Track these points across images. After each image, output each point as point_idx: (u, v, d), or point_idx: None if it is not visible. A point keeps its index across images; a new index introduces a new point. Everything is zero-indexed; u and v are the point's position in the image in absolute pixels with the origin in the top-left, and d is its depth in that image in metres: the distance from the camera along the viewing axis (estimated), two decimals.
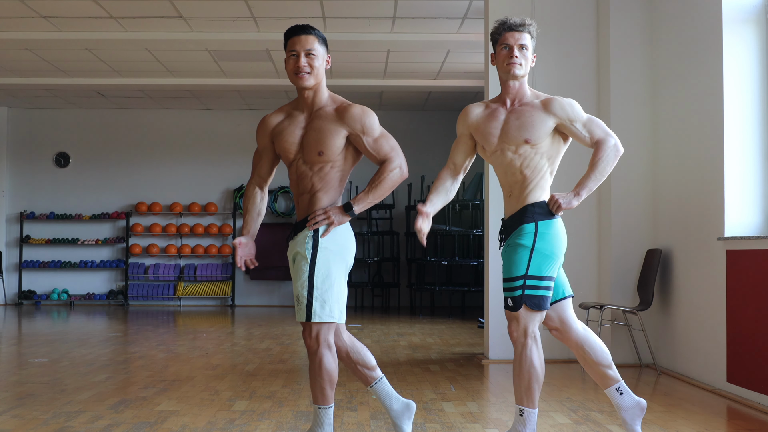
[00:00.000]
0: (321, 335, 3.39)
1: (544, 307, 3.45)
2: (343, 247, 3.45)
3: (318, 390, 3.42)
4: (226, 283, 13.31)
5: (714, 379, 5.44)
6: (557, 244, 3.46)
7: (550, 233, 3.45)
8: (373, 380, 3.62)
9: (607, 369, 3.60)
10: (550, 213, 3.46)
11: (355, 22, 8.36)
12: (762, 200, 5.36)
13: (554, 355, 6.59)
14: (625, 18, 6.53)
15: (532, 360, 3.42)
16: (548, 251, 3.44)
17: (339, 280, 3.41)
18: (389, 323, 10.29)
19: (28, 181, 13.49)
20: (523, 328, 3.45)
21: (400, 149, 3.51)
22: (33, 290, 13.31)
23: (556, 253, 3.45)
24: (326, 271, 3.39)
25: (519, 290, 3.43)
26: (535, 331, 3.45)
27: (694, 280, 5.82)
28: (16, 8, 7.93)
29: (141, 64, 10.17)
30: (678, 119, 6.11)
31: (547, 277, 3.44)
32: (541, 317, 3.47)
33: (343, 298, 3.43)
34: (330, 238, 3.41)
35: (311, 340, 3.39)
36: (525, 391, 3.43)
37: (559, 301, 3.57)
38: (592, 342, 3.59)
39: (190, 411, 4.61)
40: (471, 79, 10.84)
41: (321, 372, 3.39)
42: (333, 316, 3.39)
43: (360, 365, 3.59)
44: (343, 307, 3.44)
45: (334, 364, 3.42)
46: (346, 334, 3.60)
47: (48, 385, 5.45)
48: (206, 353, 7.22)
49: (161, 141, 13.51)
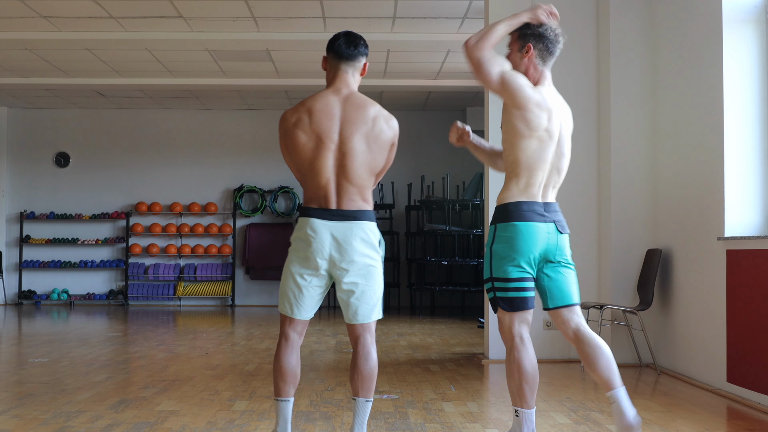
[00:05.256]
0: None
1: (521, 308, 3.45)
2: (293, 240, 3.55)
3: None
4: (226, 283, 13.31)
5: (714, 379, 5.44)
6: (513, 245, 3.42)
7: (505, 236, 3.44)
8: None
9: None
10: (507, 215, 3.43)
11: (355, 22, 8.35)
12: (762, 200, 5.36)
13: (554, 355, 6.59)
14: (625, 18, 6.53)
15: (520, 361, 3.42)
16: (504, 253, 3.44)
17: (284, 275, 3.56)
18: (389, 323, 10.29)
19: (28, 181, 13.49)
20: (507, 328, 3.48)
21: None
22: (33, 290, 13.31)
23: (512, 255, 3.42)
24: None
25: (491, 292, 3.50)
26: (521, 332, 3.45)
27: (694, 280, 5.82)
28: (16, 8, 7.93)
29: (141, 64, 10.17)
30: (678, 119, 6.11)
31: (512, 278, 3.43)
32: (523, 317, 3.47)
33: (283, 292, 3.54)
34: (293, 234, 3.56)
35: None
36: (516, 392, 3.44)
37: (562, 308, 3.51)
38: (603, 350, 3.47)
39: (190, 411, 4.61)
40: (471, 79, 10.81)
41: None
42: (281, 310, 3.58)
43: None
44: (284, 301, 3.53)
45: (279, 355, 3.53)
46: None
47: (48, 385, 5.45)
48: (206, 353, 7.22)
49: (161, 141, 13.50)
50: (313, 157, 3.44)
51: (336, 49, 3.56)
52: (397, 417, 4.47)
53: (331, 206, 3.44)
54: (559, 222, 3.50)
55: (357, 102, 3.49)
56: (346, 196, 3.44)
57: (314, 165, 3.44)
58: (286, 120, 3.52)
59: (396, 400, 4.94)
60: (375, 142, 3.45)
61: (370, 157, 3.45)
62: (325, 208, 3.45)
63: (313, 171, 3.45)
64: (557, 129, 3.48)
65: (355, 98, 3.50)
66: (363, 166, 3.44)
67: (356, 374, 3.48)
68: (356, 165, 3.43)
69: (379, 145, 3.47)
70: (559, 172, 3.52)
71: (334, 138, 3.43)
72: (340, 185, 3.44)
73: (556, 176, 3.52)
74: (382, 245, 3.57)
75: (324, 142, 3.42)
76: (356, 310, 3.50)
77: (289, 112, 3.54)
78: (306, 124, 3.44)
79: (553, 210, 3.50)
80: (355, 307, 3.50)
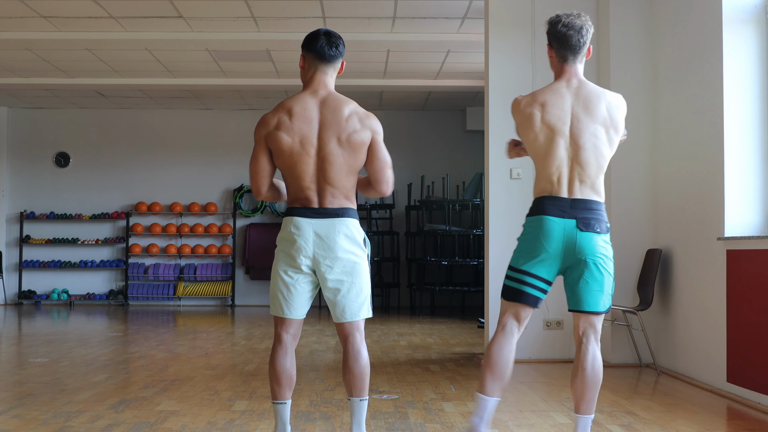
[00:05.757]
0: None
1: (513, 299, 3.45)
2: (279, 241, 3.56)
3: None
4: (226, 283, 13.31)
5: (714, 379, 5.44)
6: (527, 238, 3.46)
7: (525, 228, 3.50)
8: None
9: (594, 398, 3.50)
10: (530, 210, 3.49)
11: (355, 22, 8.35)
12: (762, 200, 5.36)
13: (554, 355, 6.59)
14: (625, 18, 6.53)
15: (491, 347, 3.45)
16: (520, 245, 3.49)
17: (272, 276, 3.57)
18: (389, 323, 10.29)
19: (28, 181, 13.49)
20: (500, 315, 3.53)
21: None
22: (33, 290, 13.30)
23: (523, 247, 3.46)
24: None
25: (504, 279, 3.55)
26: (506, 322, 3.46)
27: (694, 280, 5.82)
28: (16, 8, 7.93)
29: (141, 64, 10.16)
30: (678, 119, 6.11)
31: (519, 269, 3.45)
32: (514, 310, 3.46)
33: (273, 293, 3.55)
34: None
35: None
36: (480, 376, 3.46)
37: (574, 313, 3.47)
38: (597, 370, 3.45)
39: (190, 411, 4.61)
40: (471, 79, 10.83)
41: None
42: (272, 312, 3.58)
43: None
44: (274, 302, 3.54)
45: (276, 358, 3.54)
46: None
47: (48, 385, 5.45)
48: (206, 353, 7.21)
49: (161, 141, 13.50)
50: (294, 162, 3.43)
51: (317, 51, 3.52)
52: (397, 417, 4.47)
53: (314, 205, 3.46)
54: (583, 219, 3.37)
55: (333, 105, 3.46)
56: (329, 197, 3.45)
57: (295, 170, 3.44)
58: (267, 123, 3.47)
59: (396, 400, 4.94)
60: (349, 143, 3.41)
61: (349, 159, 3.43)
62: (308, 207, 3.46)
63: (293, 175, 3.46)
64: (559, 123, 3.42)
65: (331, 100, 3.48)
66: (342, 170, 3.43)
67: (348, 374, 3.48)
68: (336, 169, 3.42)
69: (352, 146, 3.42)
70: (582, 166, 3.39)
71: (314, 143, 3.41)
72: (321, 188, 3.45)
73: (579, 170, 3.40)
74: (367, 243, 3.55)
75: (305, 147, 3.41)
76: (344, 308, 3.49)
77: (268, 115, 3.49)
78: (287, 126, 3.43)
79: (581, 207, 3.37)
80: (342, 306, 3.48)
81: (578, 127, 3.42)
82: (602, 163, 3.45)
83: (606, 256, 3.41)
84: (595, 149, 3.42)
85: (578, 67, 3.57)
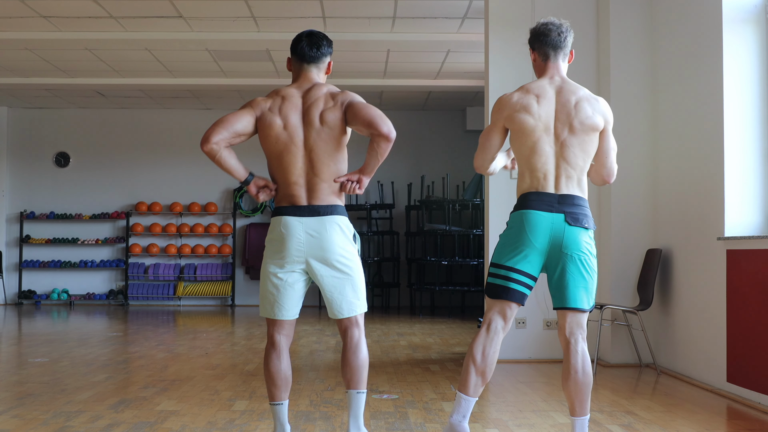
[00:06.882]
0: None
1: (498, 296, 3.44)
2: (267, 242, 3.57)
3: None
4: (226, 283, 13.31)
5: (714, 379, 5.44)
6: (510, 233, 3.47)
7: (509, 223, 3.51)
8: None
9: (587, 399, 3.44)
10: (515, 205, 3.50)
11: (355, 22, 8.36)
12: (762, 200, 5.36)
13: (554, 355, 6.59)
14: (625, 18, 6.53)
15: (475, 346, 3.44)
16: (503, 240, 3.50)
17: (261, 278, 3.57)
18: (389, 323, 10.29)
19: (28, 181, 13.49)
20: (485, 313, 3.52)
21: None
22: (33, 290, 13.30)
23: (509, 242, 3.45)
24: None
25: (487, 276, 3.56)
26: (491, 320, 3.46)
27: (694, 280, 5.82)
28: (16, 8, 7.93)
29: (141, 64, 10.17)
30: (678, 119, 6.11)
31: (503, 266, 3.44)
32: (500, 307, 3.46)
33: (263, 295, 3.56)
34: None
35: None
36: (461, 373, 3.46)
37: (559, 310, 3.46)
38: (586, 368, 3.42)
39: (190, 411, 4.61)
40: (471, 79, 10.83)
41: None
42: (263, 314, 3.59)
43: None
44: (264, 304, 3.55)
45: (271, 359, 3.55)
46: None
47: (48, 385, 5.45)
48: (206, 353, 7.21)
49: (161, 141, 13.50)
50: (281, 151, 3.45)
51: (299, 52, 3.58)
52: (397, 417, 4.47)
53: (302, 203, 3.45)
54: (571, 214, 3.38)
55: (316, 94, 3.49)
56: (317, 192, 3.45)
57: (282, 161, 3.46)
58: (258, 104, 3.51)
59: (396, 400, 4.94)
60: (326, 120, 3.44)
61: (331, 143, 3.45)
62: (297, 205, 3.45)
63: (281, 167, 3.48)
64: (544, 119, 3.42)
65: (315, 90, 3.52)
66: (327, 155, 3.44)
67: (346, 366, 3.51)
68: (322, 161, 3.44)
69: (329, 124, 3.44)
70: (569, 162, 3.40)
71: (300, 134, 3.44)
72: (310, 182, 3.45)
73: (566, 166, 3.41)
74: (357, 240, 3.56)
75: (293, 138, 3.44)
76: (340, 304, 3.51)
77: (260, 98, 3.55)
78: (277, 112, 3.46)
79: (568, 202, 3.39)
80: (339, 302, 3.51)
81: (563, 123, 3.43)
82: (587, 160, 3.47)
83: (590, 252, 3.43)
84: (580, 145, 3.43)
85: (561, 65, 3.57)
